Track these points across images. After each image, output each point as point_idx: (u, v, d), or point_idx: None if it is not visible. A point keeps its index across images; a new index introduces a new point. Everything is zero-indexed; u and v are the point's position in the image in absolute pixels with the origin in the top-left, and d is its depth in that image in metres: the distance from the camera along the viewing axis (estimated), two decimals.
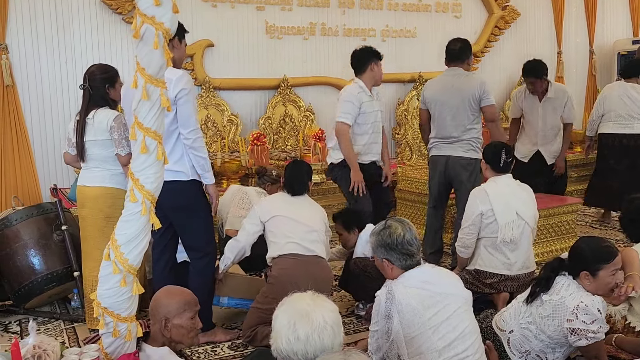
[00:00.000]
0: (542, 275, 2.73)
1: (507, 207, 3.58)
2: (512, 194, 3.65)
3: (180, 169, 3.23)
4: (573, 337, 2.54)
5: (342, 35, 6.62)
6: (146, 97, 2.16)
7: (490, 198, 3.59)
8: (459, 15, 7.33)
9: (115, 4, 5.53)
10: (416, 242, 2.52)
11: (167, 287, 2.53)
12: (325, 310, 1.89)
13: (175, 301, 2.35)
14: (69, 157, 3.79)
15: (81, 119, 3.58)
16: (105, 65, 3.73)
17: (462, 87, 4.40)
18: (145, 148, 2.20)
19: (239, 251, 3.52)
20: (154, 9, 2.07)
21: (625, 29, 8.61)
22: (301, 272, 3.27)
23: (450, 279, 2.56)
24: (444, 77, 4.58)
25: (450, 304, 2.42)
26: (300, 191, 3.60)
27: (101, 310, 2.29)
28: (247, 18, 6.16)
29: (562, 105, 5.21)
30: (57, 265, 3.87)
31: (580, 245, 2.72)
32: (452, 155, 4.43)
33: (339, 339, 1.87)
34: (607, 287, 2.66)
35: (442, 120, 4.45)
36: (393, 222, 2.57)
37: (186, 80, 3.18)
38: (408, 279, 2.47)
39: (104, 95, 3.58)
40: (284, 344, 1.84)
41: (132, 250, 2.25)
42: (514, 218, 3.56)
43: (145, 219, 2.26)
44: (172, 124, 3.16)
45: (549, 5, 7.98)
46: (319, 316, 1.86)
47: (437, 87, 4.57)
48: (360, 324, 3.69)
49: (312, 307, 1.89)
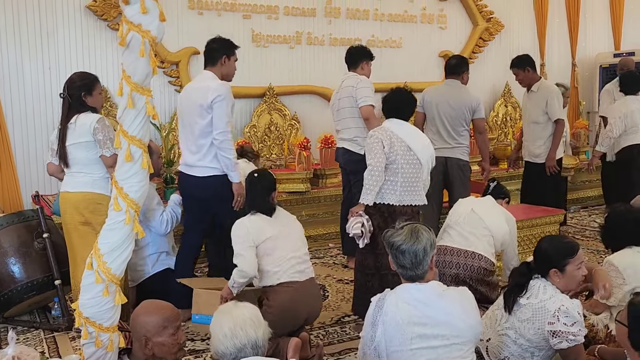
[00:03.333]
0: (514, 282, 2.75)
1: (467, 203, 3.80)
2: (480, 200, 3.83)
3: (216, 165, 3.80)
4: (554, 340, 2.57)
5: (328, 44, 6.64)
6: (131, 105, 2.16)
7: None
8: (444, 26, 7.39)
9: (101, 10, 5.50)
10: (413, 257, 2.34)
11: (145, 303, 2.40)
12: (245, 308, 2.11)
13: (155, 318, 2.27)
14: (52, 168, 3.76)
15: (63, 126, 3.57)
16: (84, 73, 3.74)
17: (459, 98, 4.88)
18: (130, 156, 2.20)
19: (247, 280, 3.30)
20: (141, 16, 2.07)
21: (607, 43, 8.74)
22: (301, 302, 3.24)
23: (454, 309, 2.30)
24: (443, 86, 5.05)
25: (443, 335, 2.26)
26: (268, 212, 3.38)
27: (83, 320, 2.27)
28: (233, 26, 6.15)
29: (544, 101, 5.26)
30: (38, 273, 3.82)
31: (543, 245, 2.78)
32: (450, 157, 4.84)
33: (262, 329, 2.06)
34: (576, 281, 2.74)
35: (440, 124, 4.85)
36: (411, 227, 2.41)
37: (224, 89, 3.77)
38: (403, 291, 2.38)
39: (82, 103, 3.58)
40: (217, 344, 2.04)
41: (116, 259, 2.23)
42: (468, 212, 3.67)
43: (129, 228, 2.25)
44: (208, 125, 3.73)
45: (533, 17, 8.09)
46: (239, 312, 2.07)
47: (436, 93, 4.98)
48: (344, 334, 3.68)
49: (233, 307, 2.13)
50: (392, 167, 3.62)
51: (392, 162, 3.62)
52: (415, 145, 3.66)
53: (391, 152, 3.60)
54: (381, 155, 3.58)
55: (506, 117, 7.78)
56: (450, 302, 2.33)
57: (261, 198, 3.38)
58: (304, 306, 3.26)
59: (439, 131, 4.85)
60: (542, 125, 5.31)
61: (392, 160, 3.61)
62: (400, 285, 2.43)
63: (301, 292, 3.26)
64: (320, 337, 3.63)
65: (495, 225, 3.63)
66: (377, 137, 3.64)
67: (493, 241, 3.60)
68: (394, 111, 3.78)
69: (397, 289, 2.41)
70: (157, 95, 5.84)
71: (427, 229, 2.45)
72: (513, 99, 7.80)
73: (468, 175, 4.94)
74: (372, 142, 3.64)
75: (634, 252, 3.13)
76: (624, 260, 3.10)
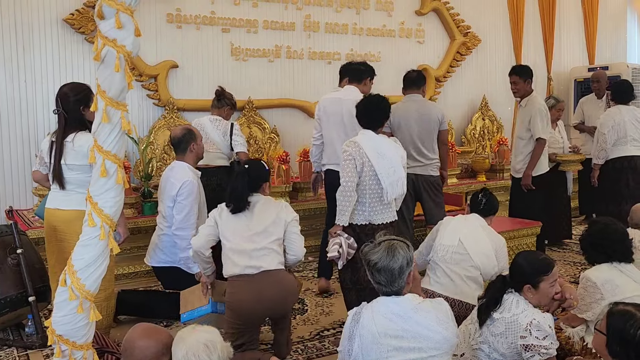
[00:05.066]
0: (490, 296, 2.77)
1: (454, 232, 3.56)
2: (468, 227, 3.60)
3: None
4: (527, 354, 2.58)
5: (307, 58, 6.67)
6: (106, 120, 2.15)
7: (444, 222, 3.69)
8: (422, 40, 7.47)
9: (78, 23, 5.47)
10: (388, 275, 2.35)
11: (141, 327, 2.33)
12: (201, 332, 2.11)
13: (154, 344, 2.21)
14: (38, 175, 3.69)
15: (58, 141, 3.42)
16: (78, 85, 3.53)
17: (427, 113, 4.82)
18: (105, 171, 2.18)
19: (201, 258, 3.39)
20: (116, 31, 2.06)
21: (581, 57, 8.91)
22: (254, 295, 3.18)
23: (429, 321, 2.31)
24: (405, 104, 4.89)
25: (420, 348, 2.28)
26: (240, 208, 3.33)
27: (56, 338, 2.23)
28: (212, 40, 6.16)
29: (528, 118, 5.27)
30: (11, 290, 3.74)
31: (518, 261, 2.80)
32: (421, 174, 4.79)
33: (216, 354, 2.07)
34: (548, 298, 2.77)
35: (410, 144, 4.71)
36: (388, 244, 2.41)
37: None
38: (380, 304, 2.39)
39: (80, 118, 3.43)
40: None
41: (90, 275, 2.20)
42: (455, 246, 3.49)
43: (103, 244, 2.22)
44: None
45: (509, 32, 8.22)
46: (192, 338, 2.09)
47: (401, 112, 4.80)
48: (324, 348, 3.67)
49: (189, 333, 2.13)
50: (360, 187, 3.61)
51: (360, 182, 3.60)
52: (380, 168, 3.57)
53: (362, 172, 3.58)
54: (353, 174, 3.56)
55: (484, 130, 7.86)
56: (426, 314, 2.34)
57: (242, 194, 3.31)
58: (259, 299, 3.16)
59: (409, 150, 4.56)
60: (525, 141, 5.33)
61: (361, 180, 3.60)
62: (377, 299, 2.43)
63: (254, 285, 3.19)
64: (299, 351, 3.61)
65: (484, 262, 3.46)
66: (350, 154, 3.60)
67: (482, 279, 3.48)
68: (365, 119, 3.72)
69: (374, 302, 2.42)
70: (135, 108, 5.81)
71: (405, 245, 2.44)
72: (490, 112, 7.90)
73: (440, 189, 4.90)
74: (345, 159, 3.61)
75: (611, 267, 3.15)
76: (602, 275, 3.12)
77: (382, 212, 3.67)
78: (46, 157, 3.55)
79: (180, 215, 3.91)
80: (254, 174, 3.37)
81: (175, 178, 3.97)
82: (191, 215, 3.92)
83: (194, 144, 4.10)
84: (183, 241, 3.90)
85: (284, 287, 3.28)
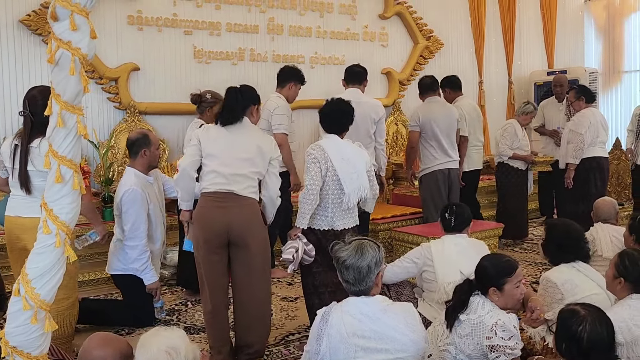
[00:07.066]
0: (457, 299, 2.79)
1: (452, 266, 3.45)
2: (459, 252, 3.52)
3: None
4: (493, 354, 2.60)
5: (271, 60, 6.63)
6: (61, 124, 2.09)
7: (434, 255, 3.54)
8: (385, 44, 7.52)
9: (35, 25, 5.32)
10: (356, 273, 2.36)
11: (98, 335, 2.25)
12: (162, 338, 2.01)
13: (111, 353, 2.11)
14: None
15: (24, 146, 3.29)
16: (47, 89, 3.32)
17: (449, 114, 5.50)
18: (60, 177, 2.12)
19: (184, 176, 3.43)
20: (71, 33, 2.00)
21: (540, 61, 9.10)
22: (213, 212, 3.29)
23: (397, 323, 2.32)
24: (431, 104, 5.50)
25: (387, 349, 2.28)
26: (231, 121, 3.37)
27: (10, 350, 2.15)
28: (174, 42, 6.07)
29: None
30: None
31: (483, 264, 2.83)
32: (452, 168, 5.46)
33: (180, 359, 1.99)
34: (514, 300, 2.78)
35: (441, 139, 5.36)
36: (358, 243, 2.43)
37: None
38: (350, 305, 2.40)
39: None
40: None
41: (45, 284, 2.14)
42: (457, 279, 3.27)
43: (59, 252, 2.16)
44: None
45: (471, 37, 8.33)
46: (153, 345, 1.99)
47: (429, 111, 5.43)
48: (289, 353, 3.64)
49: (152, 336, 2.04)
50: (322, 192, 3.59)
51: (323, 186, 3.58)
52: (343, 174, 3.56)
53: (325, 176, 3.57)
54: (318, 178, 3.55)
55: None
56: (394, 316, 2.36)
57: (234, 105, 3.39)
58: (224, 214, 3.28)
59: (442, 146, 5.36)
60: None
61: (324, 184, 3.58)
62: (347, 299, 2.44)
63: (222, 203, 3.30)
64: (265, 356, 3.58)
65: None
66: (315, 157, 3.58)
67: None
68: (330, 124, 3.70)
69: (344, 302, 2.43)
70: (96, 112, 5.70)
71: (375, 245, 2.45)
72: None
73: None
74: (310, 162, 3.59)
75: (570, 267, 3.25)
76: (562, 276, 3.21)
77: (344, 217, 3.66)
78: (6, 161, 3.43)
79: (127, 226, 3.92)
80: (246, 95, 3.46)
81: (120, 185, 4.01)
82: (139, 224, 3.91)
83: (147, 150, 4.06)
84: (133, 251, 3.91)
85: (250, 211, 3.34)
